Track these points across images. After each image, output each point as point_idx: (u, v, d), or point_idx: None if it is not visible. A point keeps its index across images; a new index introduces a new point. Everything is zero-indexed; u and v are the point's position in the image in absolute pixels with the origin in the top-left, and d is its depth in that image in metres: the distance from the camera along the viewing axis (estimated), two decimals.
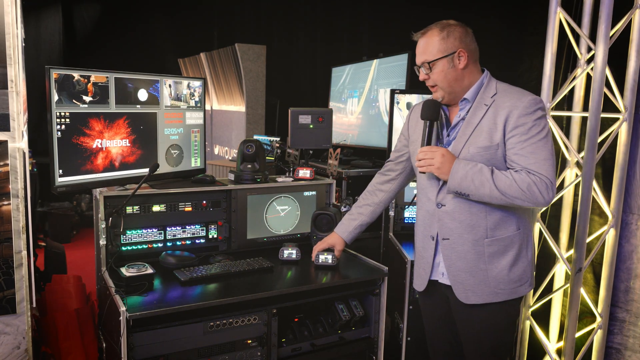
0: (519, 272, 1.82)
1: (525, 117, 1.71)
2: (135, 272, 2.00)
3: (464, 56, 1.78)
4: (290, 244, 2.40)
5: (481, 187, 1.71)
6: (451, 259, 1.85)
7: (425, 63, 1.80)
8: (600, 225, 2.62)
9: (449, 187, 1.77)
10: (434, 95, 1.86)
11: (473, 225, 1.80)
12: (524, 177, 1.68)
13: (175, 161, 2.55)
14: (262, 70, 5.92)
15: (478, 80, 1.83)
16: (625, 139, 2.47)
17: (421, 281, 1.99)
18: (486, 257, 1.81)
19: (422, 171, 1.82)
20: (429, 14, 4.10)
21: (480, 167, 1.72)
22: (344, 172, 3.26)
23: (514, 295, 1.83)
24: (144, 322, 1.84)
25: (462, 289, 1.84)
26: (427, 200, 1.92)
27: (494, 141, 1.75)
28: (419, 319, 2.53)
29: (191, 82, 2.58)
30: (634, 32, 2.38)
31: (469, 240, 1.81)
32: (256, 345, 2.10)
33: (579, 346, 2.66)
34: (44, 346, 2.62)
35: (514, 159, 1.73)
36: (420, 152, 1.81)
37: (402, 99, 3.08)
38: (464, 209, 1.81)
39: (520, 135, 1.71)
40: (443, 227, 1.86)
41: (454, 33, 1.78)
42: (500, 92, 1.80)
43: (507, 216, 1.80)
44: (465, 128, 1.81)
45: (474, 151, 1.77)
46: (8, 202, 1.99)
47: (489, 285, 1.81)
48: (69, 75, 2.04)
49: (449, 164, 1.75)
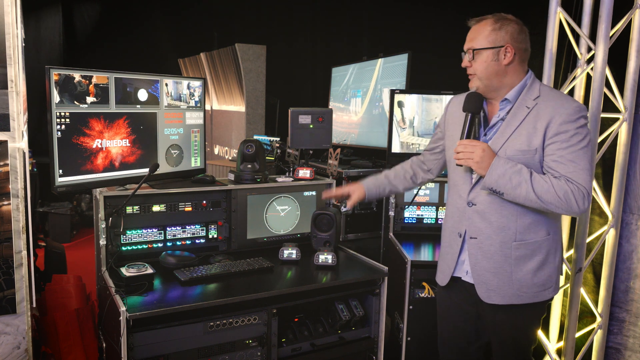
0: (544, 277, 1.80)
1: (567, 125, 1.68)
2: (135, 272, 2.00)
3: (511, 53, 1.75)
4: (290, 244, 2.40)
5: (518, 188, 1.68)
6: (477, 258, 1.84)
7: (470, 50, 1.77)
8: (600, 225, 2.62)
9: (485, 183, 1.74)
10: (470, 83, 1.83)
11: (503, 227, 1.78)
12: (562, 185, 1.66)
13: (175, 161, 2.55)
14: (262, 70, 5.91)
15: (521, 81, 1.80)
16: (625, 139, 2.47)
17: (444, 276, 1.98)
18: (512, 259, 1.79)
19: (460, 164, 1.79)
20: (428, 14, 4.11)
21: (519, 167, 1.70)
22: (344, 172, 3.26)
23: (537, 299, 1.82)
24: (144, 322, 1.84)
25: (485, 288, 1.83)
26: (458, 197, 1.90)
27: (532, 146, 1.73)
28: (419, 319, 2.54)
29: (191, 82, 2.58)
30: (634, 32, 2.38)
31: (497, 241, 1.79)
32: (256, 345, 2.10)
33: (579, 346, 2.66)
34: (44, 346, 2.62)
35: (553, 166, 1.70)
36: (460, 144, 1.78)
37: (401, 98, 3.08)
38: (496, 209, 1.79)
39: (562, 142, 1.69)
40: (472, 226, 1.84)
41: (507, 27, 1.75)
42: (543, 96, 1.76)
43: (538, 220, 1.78)
44: (505, 129, 1.78)
45: (510, 154, 1.74)
46: (8, 202, 1.99)
47: (512, 287, 1.80)
48: (70, 77, 2.04)
49: (489, 159, 1.72)
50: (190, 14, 7.27)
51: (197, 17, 7.26)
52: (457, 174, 1.90)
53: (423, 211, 2.94)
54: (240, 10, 6.68)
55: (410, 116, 3.05)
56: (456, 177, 1.91)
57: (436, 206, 2.91)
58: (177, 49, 7.54)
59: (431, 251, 2.70)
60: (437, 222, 2.92)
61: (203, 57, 6.83)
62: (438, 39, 3.96)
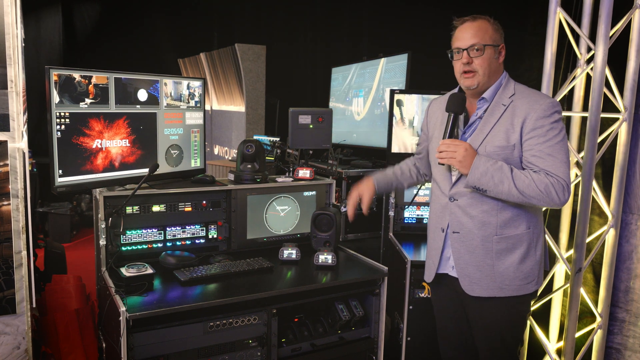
0: (526, 270, 1.84)
1: (543, 120, 1.74)
2: (135, 272, 2.00)
3: (504, 52, 1.84)
4: (290, 244, 2.40)
5: (500, 184, 1.74)
6: (460, 252, 1.89)
7: (480, 44, 1.79)
8: (600, 225, 2.62)
9: (468, 181, 1.78)
10: (468, 81, 1.83)
11: (484, 222, 1.83)
12: (542, 178, 1.72)
13: (175, 161, 2.55)
14: (262, 70, 5.92)
15: (498, 80, 1.86)
16: (625, 139, 2.47)
17: (429, 273, 2.02)
18: (494, 253, 1.83)
19: (442, 163, 1.84)
20: (428, 14, 4.11)
21: (500, 164, 1.75)
22: (344, 172, 3.26)
23: (520, 292, 1.85)
24: (144, 322, 1.84)
25: (468, 281, 1.87)
26: (440, 193, 1.95)
27: (510, 142, 1.78)
28: (419, 319, 2.54)
29: (191, 82, 2.58)
30: (633, 32, 2.38)
31: (479, 236, 1.84)
32: (256, 345, 2.10)
33: (579, 346, 2.66)
34: (44, 346, 2.62)
35: (532, 161, 1.76)
36: (443, 144, 1.83)
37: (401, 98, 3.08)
38: (477, 205, 1.84)
39: (538, 137, 1.74)
40: (454, 221, 1.89)
41: (499, 29, 1.83)
42: (518, 94, 1.83)
43: (518, 215, 1.82)
44: (483, 127, 1.84)
45: (490, 150, 1.80)
46: (8, 202, 1.99)
47: (494, 280, 1.84)
48: (70, 78, 2.04)
49: (471, 158, 1.77)
50: (190, 14, 7.27)
51: (197, 17, 7.26)
52: (439, 171, 1.95)
53: (423, 211, 2.94)
54: (240, 10, 6.69)
55: (410, 116, 3.05)
56: (438, 174, 1.96)
57: None
58: (177, 49, 7.54)
59: None
60: None
61: (203, 57, 6.83)
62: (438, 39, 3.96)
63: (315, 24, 5.60)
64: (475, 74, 1.82)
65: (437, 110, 2.02)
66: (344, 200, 2.19)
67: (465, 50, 1.81)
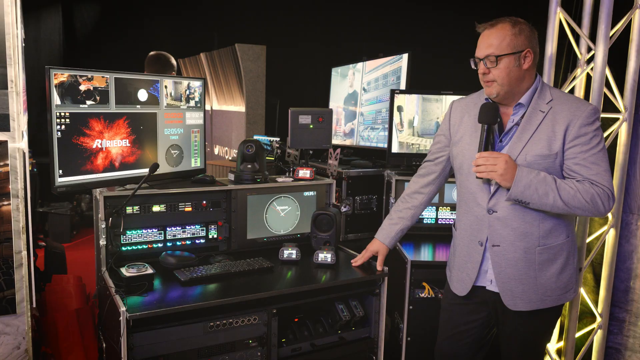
0: (566, 279, 1.82)
1: (586, 127, 1.70)
2: (135, 272, 2.00)
3: (530, 57, 1.75)
4: (290, 244, 2.40)
5: (544, 197, 1.68)
6: (501, 266, 1.83)
7: (492, 56, 1.73)
8: (600, 225, 2.62)
9: (511, 195, 1.72)
10: (488, 90, 1.80)
11: (526, 233, 1.78)
12: (587, 188, 1.68)
13: (175, 161, 2.55)
14: (262, 70, 5.92)
15: (533, 84, 1.80)
16: (625, 139, 2.47)
17: (464, 286, 1.94)
18: (537, 264, 1.79)
19: (481, 177, 1.77)
20: (428, 14, 4.12)
21: (543, 175, 1.70)
22: (344, 172, 3.26)
23: (560, 302, 1.84)
24: (144, 323, 1.84)
25: (511, 296, 1.82)
26: (476, 205, 1.87)
27: (552, 150, 1.73)
28: (419, 319, 2.54)
29: (191, 82, 2.58)
30: (634, 32, 2.39)
31: (521, 247, 1.79)
32: (256, 345, 2.10)
33: (579, 346, 2.66)
34: (44, 346, 2.62)
35: (575, 169, 1.71)
36: (480, 157, 1.75)
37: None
38: (518, 216, 1.78)
39: (582, 145, 1.70)
40: (494, 234, 1.82)
41: (524, 31, 1.74)
42: (556, 99, 1.77)
43: (559, 224, 1.79)
44: (521, 134, 1.77)
45: (531, 159, 1.74)
46: (8, 202, 1.99)
47: (537, 293, 1.80)
48: (73, 84, 2.03)
49: (512, 170, 1.70)
50: (190, 14, 7.27)
51: (197, 17, 7.26)
52: (473, 183, 1.86)
53: (423, 211, 2.93)
54: (240, 10, 6.69)
55: (410, 117, 3.05)
56: (473, 185, 1.87)
57: (436, 206, 2.91)
58: (177, 49, 7.54)
59: (431, 251, 2.70)
60: (437, 222, 2.92)
61: (203, 57, 6.83)
62: (438, 39, 3.96)
63: (315, 24, 5.60)
64: (494, 83, 1.77)
65: (462, 114, 1.93)
66: (344, 200, 2.19)
67: (482, 61, 1.77)
